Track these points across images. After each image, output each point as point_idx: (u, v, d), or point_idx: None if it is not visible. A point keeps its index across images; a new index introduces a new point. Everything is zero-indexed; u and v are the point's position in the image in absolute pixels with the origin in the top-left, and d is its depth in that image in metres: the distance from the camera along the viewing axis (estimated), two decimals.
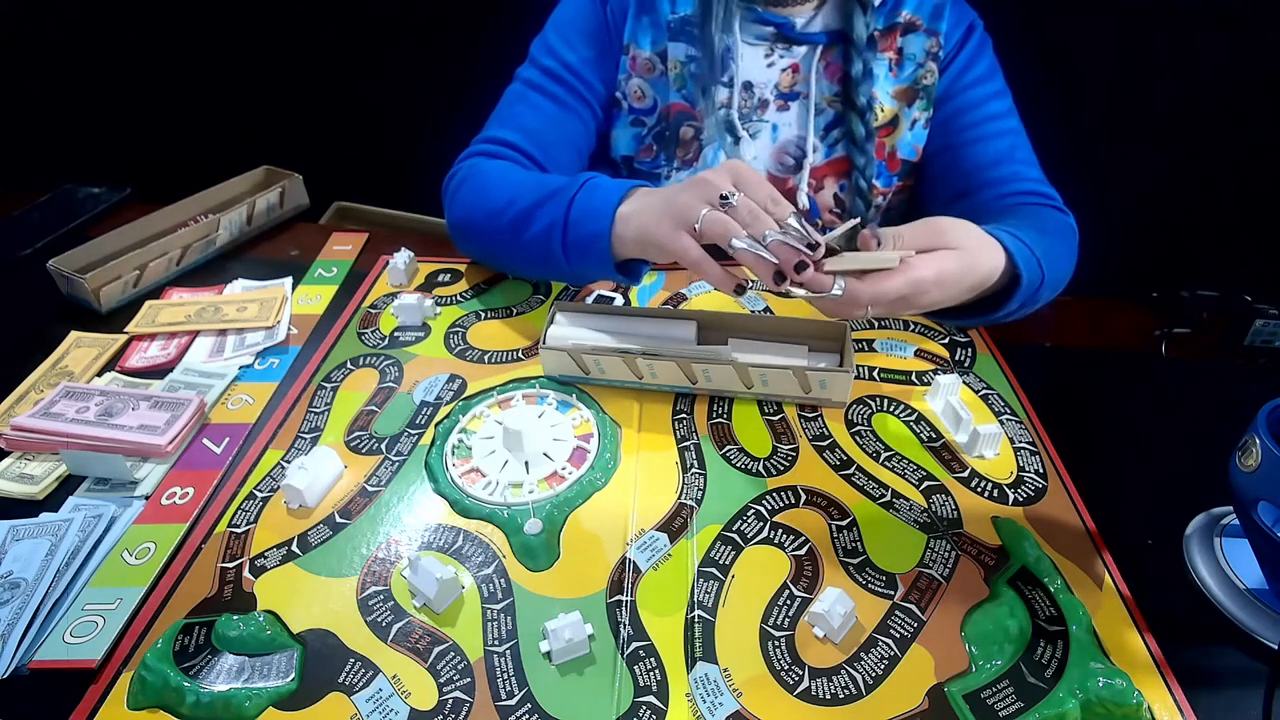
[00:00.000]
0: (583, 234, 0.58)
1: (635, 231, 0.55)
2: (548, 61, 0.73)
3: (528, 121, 0.72)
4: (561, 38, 0.74)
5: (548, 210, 0.60)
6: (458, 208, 0.69)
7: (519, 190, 0.63)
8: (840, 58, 0.72)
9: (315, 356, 0.64)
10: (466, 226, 0.68)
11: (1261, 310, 0.67)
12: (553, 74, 0.73)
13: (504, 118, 0.73)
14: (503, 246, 0.66)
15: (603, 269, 0.59)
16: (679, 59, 0.72)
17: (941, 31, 0.71)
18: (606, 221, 0.57)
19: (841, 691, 0.40)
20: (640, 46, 0.73)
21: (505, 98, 0.75)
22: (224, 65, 1.49)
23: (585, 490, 0.51)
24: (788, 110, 0.74)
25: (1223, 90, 1.14)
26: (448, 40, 1.42)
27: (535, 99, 0.73)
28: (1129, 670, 0.40)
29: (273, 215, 0.85)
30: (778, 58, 0.73)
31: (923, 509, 0.50)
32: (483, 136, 0.73)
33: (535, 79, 0.73)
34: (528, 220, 0.61)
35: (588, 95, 0.74)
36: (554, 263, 0.61)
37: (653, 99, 0.74)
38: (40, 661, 0.41)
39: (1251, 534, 0.45)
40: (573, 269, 0.61)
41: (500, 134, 0.71)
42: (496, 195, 0.65)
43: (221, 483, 0.52)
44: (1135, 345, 0.69)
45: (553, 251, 0.60)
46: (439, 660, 0.41)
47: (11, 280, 0.76)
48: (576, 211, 0.58)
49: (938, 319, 0.68)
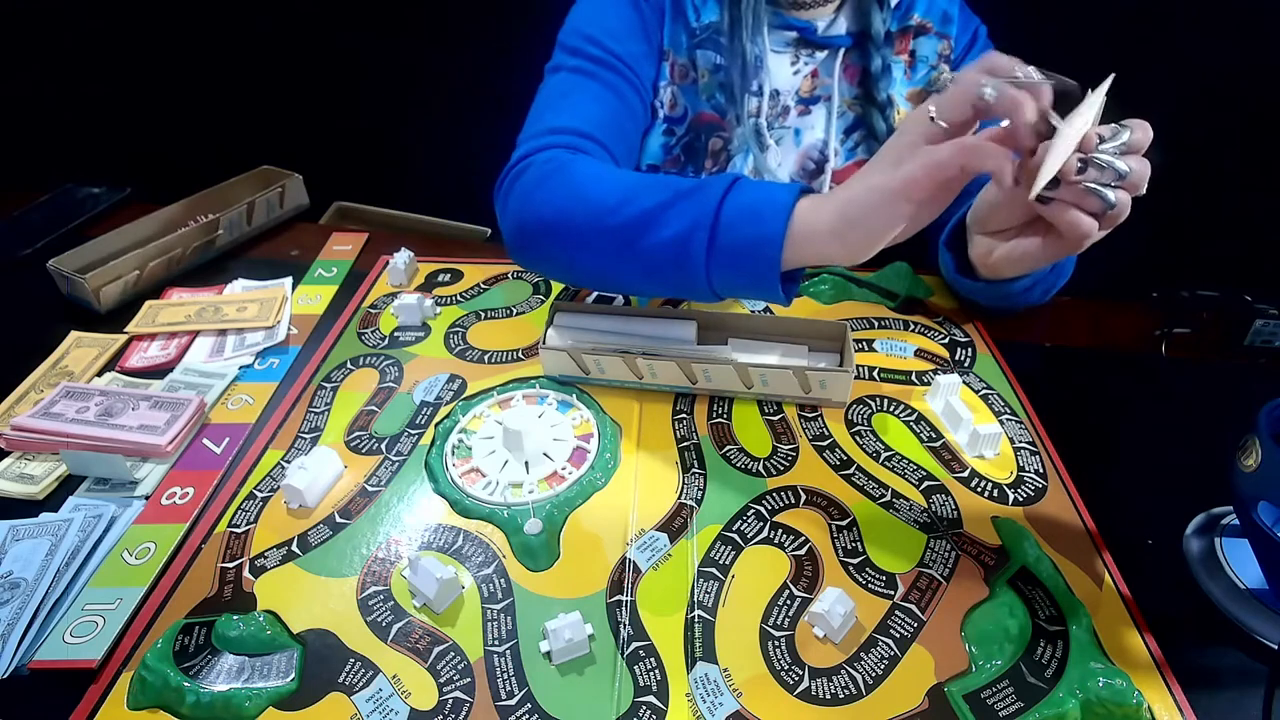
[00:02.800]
0: (742, 238, 0.49)
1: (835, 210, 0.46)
2: (595, 50, 0.67)
3: (592, 112, 0.65)
4: (605, 30, 0.68)
5: (684, 210, 0.50)
6: (537, 206, 0.58)
7: (637, 188, 0.53)
8: (858, 59, 0.72)
9: (315, 356, 0.64)
10: (550, 229, 0.57)
11: (1261, 310, 0.67)
12: (605, 63, 0.67)
13: (562, 108, 0.65)
14: (607, 253, 0.55)
15: (758, 281, 0.50)
16: (707, 68, 0.71)
17: (952, 35, 0.72)
18: (780, 222, 0.47)
19: (841, 691, 0.40)
20: (677, 53, 0.72)
21: (553, 88, 0.68)
22: (224, 65, 1.49)
23: (585, 490, 0.51)
24: (809, 115, 0.74)
25: (1223, 90, 1.14)
26: (448, 40, 1.42)
27: (593, 88, 0.66)
28: (1129, 670, 0.40)
29: (273, 215, 0.85)
30: (802, 64, 0.72)
31: (923, 509, 0.50)
32: (543, 129, 0.63)
33: (586, 68, 0.67)
34: (653, 221, 0.51)
35: (641, 90, 0.69)
36: (684, 274, 0.51)
37: (684, 107, 0.73)
38: (40, 661, 0.41)
39: (1251, 534, 0.45)
40: (712, 281, 0.51)
41: (568, 124, 0.63)
42: (602, 191, 0.55)
43: (221, 483, 0.52)
44: (1135, 345, 0.69)
45: (689, 259, 0.50)
46: (439, 660, 0.41)
47: (11, 280, 0.76)
48: (731, 211, 0.49)
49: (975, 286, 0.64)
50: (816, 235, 0.47)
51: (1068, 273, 0.65)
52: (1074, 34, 1.14)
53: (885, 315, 0.69)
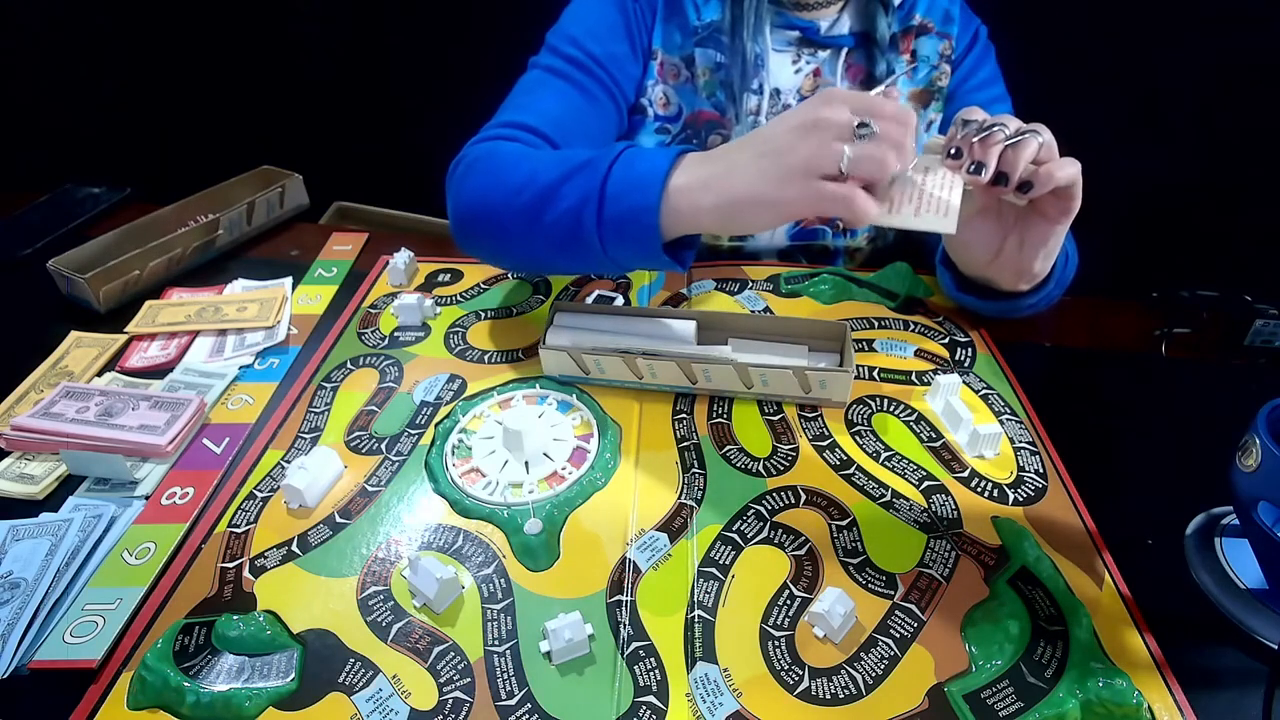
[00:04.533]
0: (623, 209, 0.50)
1: (720, 202, 0.48)
2: (571, 50, 0.69)
3: (549, 108, 0.66)
4: (586, 30, 0.70)
5: (578, 184, 0.52)
6: (465, 193, 0.60)
7: (541, 166, 0.55)
8: (861, 59, 0.72)
9: (315, 356, 0.64)
10: (476, 214, 0.59)
11: (1261, 310, 0.67)
12: (578, 63, 0.68)
13: (521, 104, 0.67)
14: (519, 233, 0.56)
15: (646, 251, 0.51)
16: (708, 66, 0.71)
17: (953, 35, 0.72)
18: (655, 193, 0.49)
19: (841, 691, 0.40)
20: (668, 52, 0.72)
21: (522, 84, 0.70)
22: (224, 65, 1.49)
23: (585, 490, 0.51)
24: None
25: (1223, 90, 1.14)
26: (448, 39, 1.42)
27: (558, 85, 0.68)
28: (1129, 670, 0.40)
29: (273, 215, 0.85)
30: (804, 63, 0.72)
31: (923, 509, 0.50)
32: (497, 121, 0.66)
33: (558, 66, 0.68)
34: (552, 197, 0.53)
35: (614, 90, 0.70)
36: (584, 247, 0.53)
37: (678, 106, 0.73)
38: (40, 661, 0.41)
39: (1251, 534, 0.45)
40: (608, 253, 0.52)
41: (518, 118, 0.65)
42: (514, 174, 0.56)
43: (221, 483, 0.52)
44: (1135, 345, 0.69)
45: (583, 232, 0.52)
46: (439, 660, 0.41)
47: (11, 280, 0.76)
48: (615, 183, 0.50)
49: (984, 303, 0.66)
50: (700, 212, 0.49)
51: (1068, 280, 0.66)
52: (1074, 34, 1.14)
53: (885, 315, 0.69)
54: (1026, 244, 0.56)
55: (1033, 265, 0.58)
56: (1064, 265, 0.63)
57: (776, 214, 0.48)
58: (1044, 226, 0.54)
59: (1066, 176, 0.50)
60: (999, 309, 0.65)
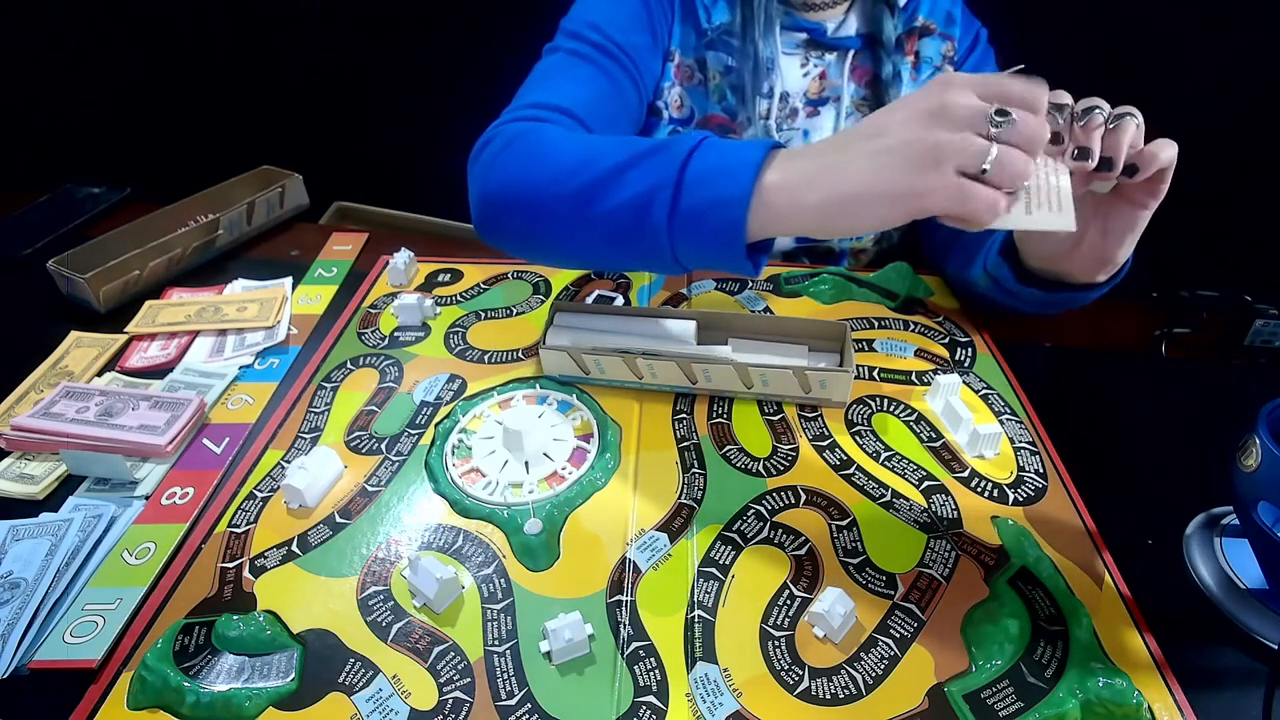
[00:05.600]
0: (705, 199, 0.44)
1: (826, 195, 0.42)
2: (594, 35, 0.65)
3: (578, 91, 0.61)
4: (608, 18, 0.66)
5: (648, 170, 0.46)
6: (498, 174, 0.54)
7: (600, 148, 0.50)
8: (867, 61, 0.72)
9: (315, 356, 0.64)
10: (511, 198, 0.54)
11: (1261, 310, 0.67)
12: (602, 48, 0.64)
13: (548, 86, 0.62)
14: (567, 221, 0.51)
15: (724, 248, 0.45)
16: (718, 69, 0.70)
17: (955, 37, 0.72)
18: (746, 184, 0.43)
19: (841, 691, 0.40)
20: (684, 54, 0.71)
21: (542, 68, 0.65)
22: (224, 65, 1.49)
23: (585, 490, 0.51)
24: (817, 116, 0.74)
25: (1223, 90, 1.14)
26: (448, 40, 1.42)
27: (584, 69, 0.64)
28: (1129, 670, 0.40)
29: (273, 215, 0.85)
30: (812, 65, 0.72)
31: (923, 509, 0.50)
32: (521, 103, 0.60)
33: (582, 50, 0.64)
34: (613, 183, 0.47)
35: (639, 80, 0.67)
36: (646, 240, 0.47)
37: (690, 109, 0.73)
38: (40, 661, 0.41)
39: (1251, 534, 0.45)
40: (675, 249, 0.47)
41: (547, 99, 0.59)
42: (564, 155, 0.51)
43: (221, 483, 0.52)
44: (1135, 345, 0.69)
45: (650, 223, 0.46)
46: (439, 660, 0.41)
47: (11, 280, 0.76)
48: (696, 170, 0.45)
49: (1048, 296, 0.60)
50: (801, 211, 0.43)
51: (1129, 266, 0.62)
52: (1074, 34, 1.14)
53: (885, 315, 0.69)
54: (1111, 231, 0.52)
55: (1116, 253, 0.53)
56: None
57: (903, 209, 0.41)
58: (1131, 211, 0.50)
59: (1167, 158, 0.46)
60: (1061, 300, 0.60)
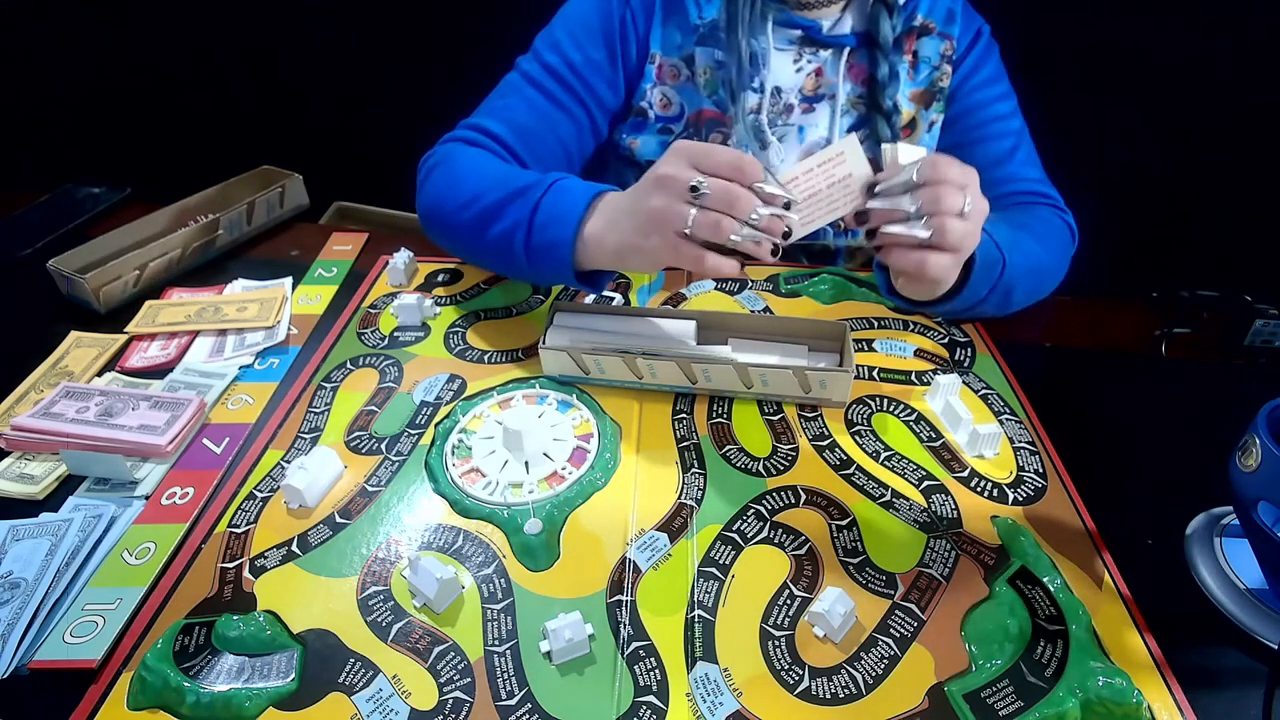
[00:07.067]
0: (546, 240, 0.56)
1: (615, 246, 0.53)
2: (550, 57, 0.71)
3: (518, 115, 0.70)
4: (569, 35, 0.71)
5: (513, 209, 0.58)
6: (427, 195, 0.67)
7: (487, 184, 0.61)
8: (864, 59, 0.72)
9: (315, 356, 0.64)
10: (433, 216, 0.66)
11: (1261, 310, 0.67)
12: (553, 71, 0.70)
13: (494, 108, 0.71)
14: (466, 241, 0.64)
15: (563, 276, 0.57)
16: (708, 64, 0.71)
17: (954, 35, 0.72)
18: (570, 230, 0.54)
19: (841, 691, 0.40)
20: (666, 54, 0.72)
21: (500, 87, 0.72)
22: (224, 65, 1.49)
23: (585, 490, 0.51)
24: (812, 112, 0.74)
25: (1224, 90, 1.14)
26: (448, 40, 1.42)
27: (530, 93, 0.70)
28: (1129, 670, 0.40)
29: (273, 215, 0.85)
30: (805, 62, 0.72)
31: (923, 509, 0.50)
32: (468, 123, 0.70)
33: (534, 73, 0.71)
34: (493, 217, 0.59)
35: (587, 98, 0.72)
36: (516, 264, 0.59)
37: (679, 105, 0.73)
38: (40, 661, 0.41)
39: (1251, 534, 0.45)
40: (534, 272, 0.59)
41: (485, 123, 0.69)
42: (465, 187, 0.63)
43: (221, 483, 0.52)
44: (1135, 345, 0.69)
45: (514, 253, 0.58)
46: (439, 660, 0.41)
47: (11, 280, 0.76)
48: (542, 215, 0.56)
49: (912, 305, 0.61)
50: (603, 253, 0.54)
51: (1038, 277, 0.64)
52: (1073, 34, 1.14)
53: (885, 315, 0.69)
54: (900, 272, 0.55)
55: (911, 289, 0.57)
56: (990, 269, 0.58)
57: (650, 261, 0.52)
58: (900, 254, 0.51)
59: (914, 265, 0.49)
60: (926, 310, 0.62)
